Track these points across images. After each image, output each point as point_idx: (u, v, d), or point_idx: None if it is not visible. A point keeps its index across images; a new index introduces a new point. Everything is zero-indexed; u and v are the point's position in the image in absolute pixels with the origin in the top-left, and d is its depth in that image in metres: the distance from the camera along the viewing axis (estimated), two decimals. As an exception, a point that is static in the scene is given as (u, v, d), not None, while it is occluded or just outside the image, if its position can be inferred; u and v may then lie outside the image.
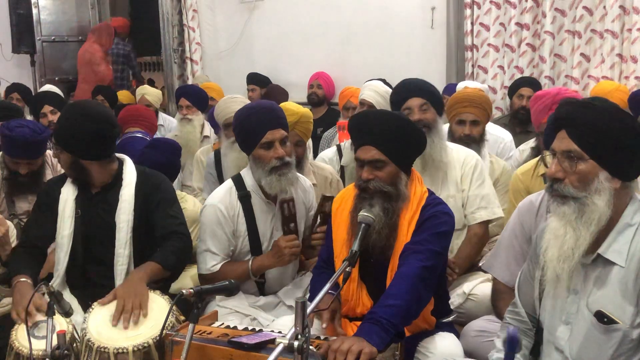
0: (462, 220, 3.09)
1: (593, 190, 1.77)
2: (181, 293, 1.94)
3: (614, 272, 1.80)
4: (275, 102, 3.06)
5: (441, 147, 3.06)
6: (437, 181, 3.09)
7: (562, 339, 1.89)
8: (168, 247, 2.64)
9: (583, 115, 1.79)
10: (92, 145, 2.63)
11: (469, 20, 5.61)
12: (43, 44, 7.85)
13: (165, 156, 3.32)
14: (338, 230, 2.46)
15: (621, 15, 4.98)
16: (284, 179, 2.68)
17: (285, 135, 2.72)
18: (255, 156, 2.73)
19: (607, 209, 1.76)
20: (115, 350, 2.17)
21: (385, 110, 3.29)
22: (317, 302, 1.89)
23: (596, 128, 1.76)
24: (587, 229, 1.77)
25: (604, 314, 1.79)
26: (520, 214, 2.54)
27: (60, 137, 2.74)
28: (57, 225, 2.71)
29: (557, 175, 1.82)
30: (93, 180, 2.72)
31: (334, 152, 3.98)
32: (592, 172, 1.77)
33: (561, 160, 1.82)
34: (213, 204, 2.77)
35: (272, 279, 2.86)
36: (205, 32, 7.34)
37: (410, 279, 2.16)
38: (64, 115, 2.75)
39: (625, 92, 4.58)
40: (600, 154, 1.76)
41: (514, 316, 2.11)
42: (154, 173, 2.84)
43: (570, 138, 1.79)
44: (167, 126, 5.98)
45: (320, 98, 6.17)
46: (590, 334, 1.83)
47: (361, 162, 2.33)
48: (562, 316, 1.90)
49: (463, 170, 3.11)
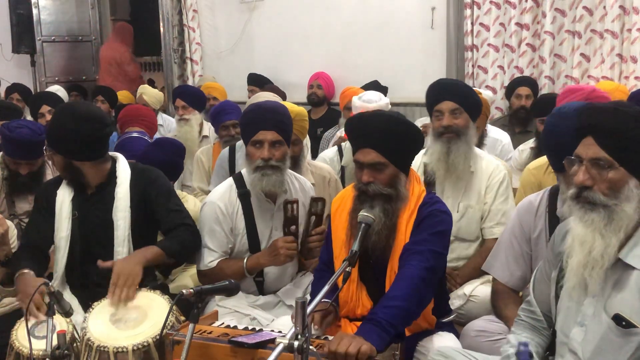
0: (477, 232, 3.08)
1: (623, 197, 1.75)
2: (181, 293, 1.94)
3: (634, 276, 1.77)
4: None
5: (467, 156, 2.99)
6: (458, 190, 3.06)
7: (575, 340, 1.87)
8: (173, 236, 2.69)
9: (610, 121, 1.76)
10: (84, 146, 2.63)
11: (469, 20, 5.61)
12: (43, 44, 7.85)
13: (169, 155, 3.35)
14: (337, 231, 2.46)
15: (621, 15, 4.98)
16: (267, 179, 2.68)
17: (278, 139, 2.70)
18: (246, 152, 2.77)
19: (636, 215, 1.75)
20: (115, 349, 2.18)
21: (382, 111, 3.27)
22: (316, 302, 1.89)
23: (625, 135, 1.74)
24: (615, 235, 1.76)
25: (623, 317, 1.77)
26: (520, 215, 2.53)
27: (52, 140, 2.75)
28: (55, 227, 2.72)
29: (587, 183, 1.79)
30: (88, 181, 2.73)
31: (334, 152, 3.99)
32: (622, 180, 1.75)
33: (589, 168, 1.79)
34: (212, 201, 2.79)
35: (272, 278, 2.87)
36: (205, 32, 7.35)
37: (411, 280, 2.15)
38: (54, 117, 2.76)
39: (625, 93, 4.58)
40: (630, 161, 1.74)
41: (529, 314, 2.09)
42: (147, 168, 2.85)
43: (599, 145, 1.77)
44: (167, 126, 5.99)
45: (320, 98, 6.17)
46: (606, 338, 1.80)
47: (360, 165, 2.33)
48: (578, 318, 1.88)
49: (489, 182, 3.06)
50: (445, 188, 3.09)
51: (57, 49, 8.01)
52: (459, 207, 3.06)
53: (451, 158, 2.98)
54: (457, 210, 3.05)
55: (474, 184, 3.07)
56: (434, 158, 3.04)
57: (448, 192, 3.09)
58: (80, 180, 2.72)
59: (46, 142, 2.92)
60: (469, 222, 3.05)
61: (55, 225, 2.72)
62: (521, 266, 2.50)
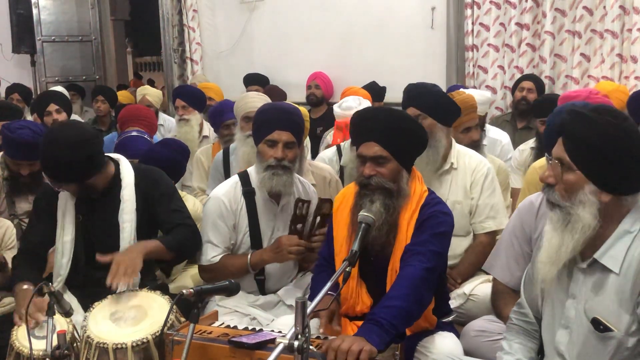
0: (467, 227, 3.09)
1: (577, 201, 1.77)
2: (181, 293, 1.94)
3: (611, 279, 1.79)
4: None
5: (432, 159, 3.00)
6: (445, 187, 3.08)
7: (561, 343, 1.89)
8: (174, 233, 2.69)
9: (578, 127, 1.77)
10: (84, 168, 2.56)
11: (469, 20, 5.61)
12: (43, 44, 7.86)
13: (174, 154, 3.37)
14: (338, 229, 2.46)
15: (621, 15, 4.98)
16: (277, 179, 2.69)
17: (292, 140, 2.73)
18: (259, 150, 2.78)
19: (593, 220, 1.76)
20: (114, 345, 2.17)
21: (388, 107, 3.28)
22: (317, 302, 1.89)
23: (588, 142, 1.75)
24: (571, 236, 1.78)
25: (600, 321, 1.79)
26: (521, 215, 2.54)
27: (50, 174, 2.66)
28: (57, 231, 2.70)
29: (549, 180, 1.84)
30: (94, 189, 2.70)
31: (333, 152, 3.98)
32: (577, 184, 1.77)
33: (554, 166, 1.83)
34: (217, 196, 2.80)
35: (273, 277, 2.87)
36: (205, 32, 7.35)
37: (412, 281, 2.16)
38: (43, 151, 2.60)
39: (625, 93, 4.58)
40: (589, 167, 1.76)
41: (520, 317, 2.10)
42: (150, 168, 2.84)
43: (564, 146, 1.80)
44: (167, 126, 5.98)
45: (318, 98, 6.17)
46: (588, 340, 1.82)
47: (363, 159, 2.34)
48: (562, 320, 1.90)
49: (473, 177, 3.09)
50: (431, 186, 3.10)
51: (57, 49, 8.02)
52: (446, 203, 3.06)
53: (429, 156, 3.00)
54: None
55: (458, 180, 3.10)
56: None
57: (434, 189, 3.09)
58: (88, 191, 2.68)
59: (47, 177, 2.76)
60: (459, 218, 3.04)
61: (58, 229, 2.70)
62: (522, 266, 2.49)
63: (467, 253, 3.08)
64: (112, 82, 8.51)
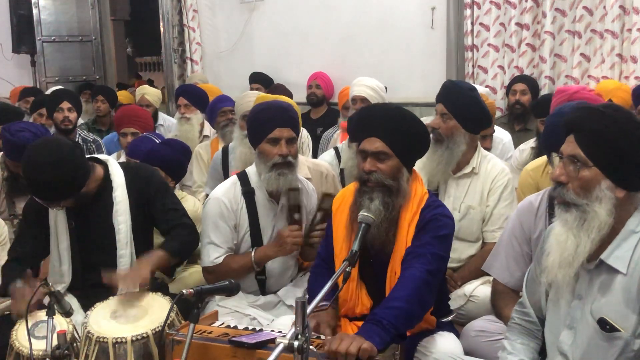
0: (477, 233, 3.08)
1: (594, 197, 1.76)
2: (181, 293, 1.94)
3: (618, 279, 1.78)
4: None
5: (448, 161, 3.00)
6: (461, 190, 3.07)
7: (565, 343, 1.88)
8: (174, 236, 2.69)
9: (592, 122, 1.77)
10: (72, 184, 2.50)
11: (469, 20, 5.60)
12: (43, 44, 7.85)
13: (176, 154, 3.38)
14: (338, 230, 2.46)
15: (621, 15, 4.98)
16: (283, 178, 2.71)
17: (293, 137, 2.75)
18: (260, 150, 2.77)
19: (609, 217, 1.75)
20: (114, 339, 2.17)
21: (391, 103, 3.27)
22: (316, 302, 1.88)
23: (603, 136, 1.75)
24: (587, 236, 1.77)
25: (607, 321, 1.78)
26: (520, 215, 2.53)
27: (43, 197, 2.55)
28: (51, 239, 2.69)
29: (561, 179, 1.82)
30: (86, 195, 2.64)
31: (332, 156, 3.98)
32: (594, 180, 1.76)
33: (566, 164, 1.81)
34: (217, 197, 2.80)
35: (274, 276, 2.87)
36: (205, 32, 7.34)
37: (414, 283, 2.15)
38: (26, 176, 2.51)
39: (627, 92, 4.58)
40: (605, 162, 1.75)
41: (522, 316, 2.10)
42: (140, 166, 2.83)
43: (577, 143, 1.79)
44: (167, 126, 5.99)
45: (319, 98, 6.17)
46: (593, 341, 1.82)
47: (364, 154, 2.33)
48: (567, 320, 1.89)
49: (492, 185, 3.06)
50: (448, 187, 3.10)
51: (57, 49, 8.01)
52: (460, 207, 3.06)
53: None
54: (459, 211, 3.05)
55: (477, 186, 3.07)
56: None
57: (450, 191, 3.09)
58: (82, 198, 2.62)
59: (40, 201, 2.63)
60: (470, 223, 3.05)
61: (52, 237, 2.69)
62: (521, 266, 2.50)
63: (473, 259, 3.06)
64: (112, 82, 8.51)
